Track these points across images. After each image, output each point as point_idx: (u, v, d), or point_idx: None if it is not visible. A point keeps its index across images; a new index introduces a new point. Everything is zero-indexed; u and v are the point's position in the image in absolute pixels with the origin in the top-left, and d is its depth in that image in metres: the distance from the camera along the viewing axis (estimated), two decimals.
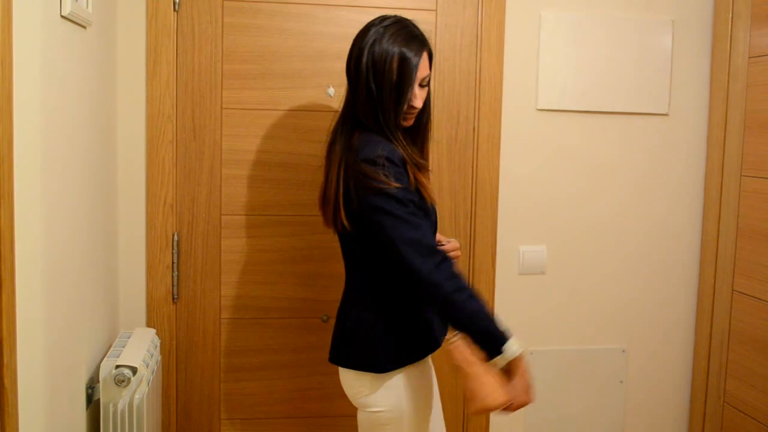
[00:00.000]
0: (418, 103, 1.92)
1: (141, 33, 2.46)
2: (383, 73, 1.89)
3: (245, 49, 2.53)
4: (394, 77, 1.89)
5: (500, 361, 1.80)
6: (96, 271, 2.18)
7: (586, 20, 2.70)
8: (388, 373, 1.94)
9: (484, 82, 2.64)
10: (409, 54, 1.89)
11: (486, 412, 1.83)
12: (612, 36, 2.72)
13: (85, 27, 2.00)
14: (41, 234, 1.64)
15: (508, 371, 1.84)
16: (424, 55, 1.93)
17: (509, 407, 1.84)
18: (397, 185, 1.82)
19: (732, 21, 2.69)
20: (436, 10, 2.60)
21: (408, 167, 1.90)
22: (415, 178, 1.91)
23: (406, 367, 1.95)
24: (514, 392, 1.83)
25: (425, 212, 1.92)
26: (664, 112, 2.79)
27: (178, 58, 2.50)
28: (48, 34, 1.68)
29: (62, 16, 1.78)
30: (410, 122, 1.98)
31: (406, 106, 1.92)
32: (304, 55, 2.56)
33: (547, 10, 2.69)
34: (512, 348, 1.80)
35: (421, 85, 1.93)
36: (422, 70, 1.92)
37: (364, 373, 1.94)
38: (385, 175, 1.82)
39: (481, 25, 2.63)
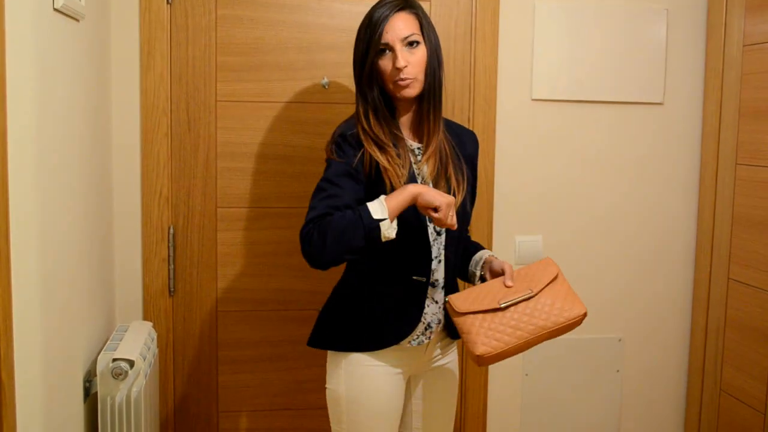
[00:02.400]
0: (401, 63, 1.86)
1: (134, 26, 2.45)
2: (357, 39, 1.93)
3: (239, 41, 2.52)
4: (362, 39, 1.91)
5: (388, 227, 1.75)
6: (92, 265, 2.17)
7: (580, 9, 2.70)
8: (338, 354, 1.98)
9: (478, 73, 2.64)
10: (377, 14, 1.88)
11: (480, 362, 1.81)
12: (606, 25, 2.72)
13: (78, 20, 1.99)
14: (36, 228, 1.63)
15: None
16: (401, 14, 1.88)
17: None
18: (338, 159, 1.87)
19: (726, 10, 2.69)
20: (430, 0, 2.60)
21: (367, 147, 1.88)
22: (377, 160, 1.87)
23: (356, 354, 1.96)
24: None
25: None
26: (658, 101, 2.79)
27: (171, 50, 2.49)
28: (41, 27, 1.67)
29: (55, 9, 1.77)
30: (407, 91, 1.90)
31: (388, 71, 1.89)
32: (298, 46, 2.55)
33: (541, 0, 2.68)
34: (376, 217, 1.73)
35: (409, 44, 1.88)
36: (396, 30, 1.87)
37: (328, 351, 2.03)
38: (331, 150, 1.89)
39: (476, 14, 2.62)
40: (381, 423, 1.99)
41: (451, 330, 2.05)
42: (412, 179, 1.91)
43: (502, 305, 1.82)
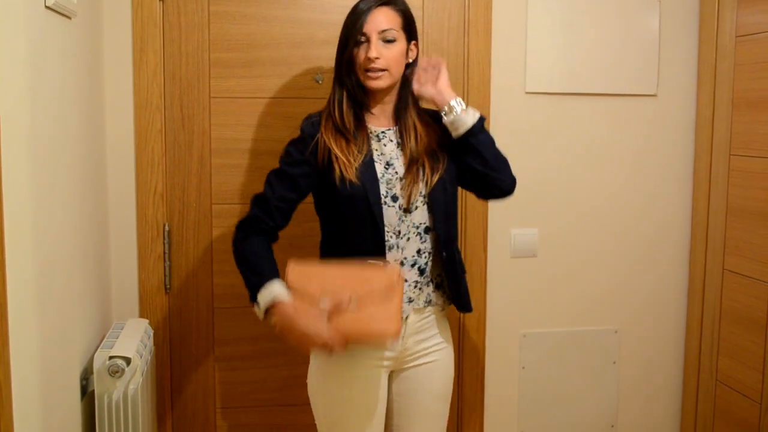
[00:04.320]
0: (372, 53, 1.92)
1: (127, 23, 2.45)
2: (342, 28, 2.01)
3: (232, 37, 2.52)
4: (344, 28, 1.99)
5: (259, 312, 1.91)
6: (88, 263, 2.17)
7: (574, 2, 2.70)
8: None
9: (472, 66, 2.64)
10: (361, 5, 1.96)
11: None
12: (600, 17, 2.72)
13: (70, 17, 1.99)
14: (31, 227, 1.63)
15: None
16: (384, 9, 1.96)
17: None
18: (287, 148, 2.03)
19: (718, 1, 2.69)
20: None
21: (324, 133, 1.97)
22: (330, 147, 1.96)
23: None
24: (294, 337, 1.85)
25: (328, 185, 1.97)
26: (652, 93, 2.79)
27: (164, 47, 2.48)
28: (32, 25, 1.67)
29: (47, 7, 1.77)
30: (375, 82, 1.96)
31: (360, 60, 1.95)
32: (291, 42, 2.55)
33: None
34: (261, 301, 1.90)
35: (385, 41, 1.94)
36: (375, 23, 1.94)
37: None
38: (293, 140, 2.03)
39: (468, 7, 2.62)
40: (355, 416, 1.99)
41: (457, 300, 2.07)
42: (369, 164, 1.97)
43: (320, 303, 1.85)
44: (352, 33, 1.95)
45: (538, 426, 2.87)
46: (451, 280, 2.05)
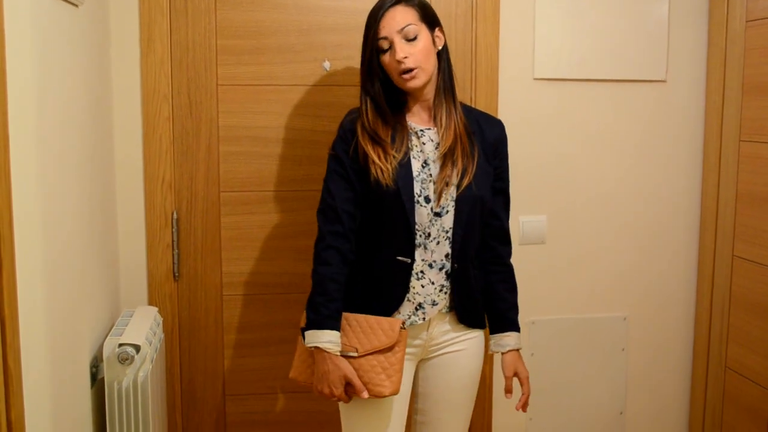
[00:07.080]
0: (399, 55, 1.91)
1: (134, 10, 2.44)
2: (362, 41, 2.01)
3: (239, 24, 2.51)
4: (365, 36, 1.99)
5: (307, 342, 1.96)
6: (96, 251, 2.18)
7: None
8: None
9: (480, 52, 2.63)
10: (374, 10, 1.96)
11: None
12: (608, 2, 2.70)
13: (77, 5, 1.98)
14: (40, 216, 1.63)
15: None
16: (397, 8, 1.94)
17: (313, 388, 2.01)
18: (332, 151, 2.02)
19: None
20: None
21: (361, 139, 1.96)
22: (366, 152, 1.95)
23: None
24: (315, 377, 1.98)
25: (367, 188, 1.97)
26: (661, 79, 2.78)
27: (171, 35, 2.48)
28: (39, 13, 1.67)
29: None
30: (413, 82, 1.94)
31: (391, 66, 1.95)
32: (299, 29, 2.54)
33: None
34: (308, 337, 1.94)
35: (408, 39, 1.93)
36: (391, 24, 1.92)
37: None
38: (334, 141, 2.03)
39: None
40: (379, 403, 1.99)
41: (464, 316, 2.07)
42: (406, 165, 1.96)
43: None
44: (370, 39, 1.95)
45: (546, 413, 2.88)
46: (458, 294, 2.04)
